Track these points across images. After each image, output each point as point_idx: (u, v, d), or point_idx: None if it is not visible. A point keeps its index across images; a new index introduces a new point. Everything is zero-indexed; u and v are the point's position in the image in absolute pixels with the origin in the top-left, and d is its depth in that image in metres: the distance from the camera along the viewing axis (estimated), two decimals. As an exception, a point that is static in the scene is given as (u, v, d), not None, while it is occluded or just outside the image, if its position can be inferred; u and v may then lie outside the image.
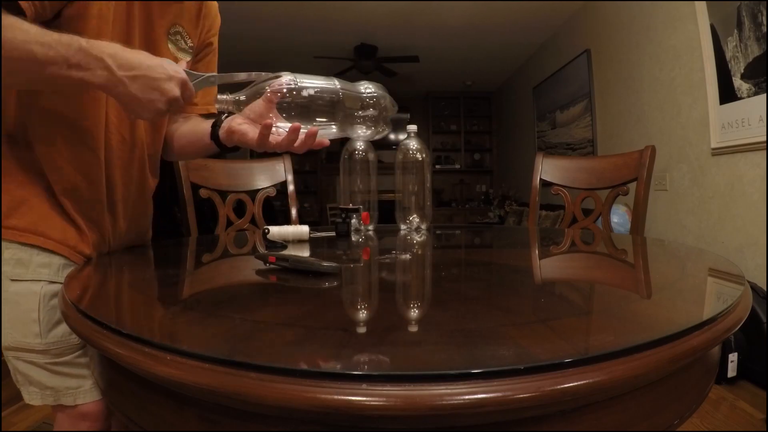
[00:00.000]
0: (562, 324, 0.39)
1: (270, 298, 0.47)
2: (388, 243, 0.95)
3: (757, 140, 2.01)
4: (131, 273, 0.68)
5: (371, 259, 0.76)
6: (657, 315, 0.42)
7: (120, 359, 0.35)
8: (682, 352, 0.33)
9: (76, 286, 0.55)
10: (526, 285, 0.61)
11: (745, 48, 2.06)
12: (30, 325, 0.67)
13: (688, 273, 0.67)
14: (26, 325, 0.67)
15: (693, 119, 2.44)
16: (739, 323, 0.40)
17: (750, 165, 2.08)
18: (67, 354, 0.70)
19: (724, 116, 2.19)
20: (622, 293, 0.55)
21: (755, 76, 2.01)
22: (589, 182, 1.35)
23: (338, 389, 0.27)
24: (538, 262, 0.80)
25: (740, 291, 0.46)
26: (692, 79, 2.42)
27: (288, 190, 1.46)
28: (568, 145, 4.13)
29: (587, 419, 0.32)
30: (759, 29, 1.97)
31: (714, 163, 2.31)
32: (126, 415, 0.41)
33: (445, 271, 0.70)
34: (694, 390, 0.42)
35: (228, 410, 0.32)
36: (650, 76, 2.83)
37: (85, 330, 0.40)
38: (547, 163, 1.43)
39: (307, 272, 0.57)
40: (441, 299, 0.53)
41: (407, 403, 0.27)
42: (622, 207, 2.76)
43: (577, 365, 0.29)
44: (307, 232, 0.96)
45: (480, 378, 0.28)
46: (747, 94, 2.06)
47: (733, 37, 2.12)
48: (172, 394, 0.35)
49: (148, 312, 0.45)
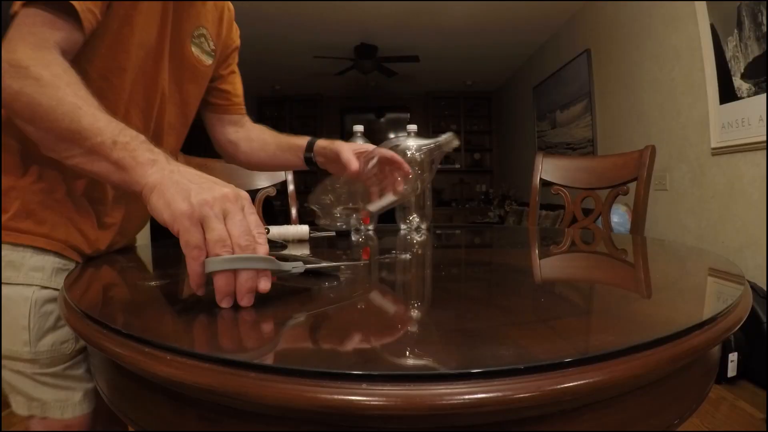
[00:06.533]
0: (562, 324, 0.39)
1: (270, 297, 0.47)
2: (388, 243, 0.95)
3: (757, 140, 2.01)
4: (131, 273, 0.68)
5: (371, 259, 0.76)
6: (657, 315, 0.42)
7: (120, 359, 0.35)
8: (682, 352, 0.33)
9: (76, 286, 0.55)
10: (526, 285, 0.61)
11: (745, 48, 2.06)
12: (19, 333, 0.63)
13: (688, 273, 0.67)
14: (15, 332, 0.63)
15: (693, 119, 2.44)
16: (739, 323, 0.40)
17: (750, 165, 2.08)
18: (56, 364, 0.66)
19: (724, 116, 2.19)
20: (622, 293, 0.55)
21: (755, 75, 2.01)
22: (589, 182, 1.35)
23: (338, 389, 0.27)
24: (538, 261, 0.80)
25: (740, 291, 0.46)
26: (692, 79, 2.42)
27: (288, 189, 1.46)
28: (568, 144, 4.13)
29: (587, 419, 0.32)
30: (759, 29, 1.97)
31: (714, 163, 2.31)
32: (126, 415, 0.41)
33: (445, 271, 0.70)
34: (694, 390, 0.42)
35: (228, 410, 0.32)
36: (650, 76, 2.83)
37: (85, 330, 0.40)
38: (547, 163, 1.43)
39: (307, 272, 0.57)
40: (441, 299, 0.53)
41: (407, 403, 0.27)
42: (622, 207, 2.76)
43: (577, 365, 0.29)
44: (307, 232, 0.96)
45: (480, 378, 0.28)
46: (747, 93, 2.06)
47: (733, 37, 2.12)
48: (172, 394, 0.35)
49: (148, 312, 0.45)
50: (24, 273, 0.64)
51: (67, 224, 0.67)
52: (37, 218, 0.65)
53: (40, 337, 0.64)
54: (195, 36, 0.78)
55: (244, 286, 0.41)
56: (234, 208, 0.43)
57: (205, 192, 0.42)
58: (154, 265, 0.79)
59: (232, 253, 0.41)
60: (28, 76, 0.51)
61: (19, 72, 0.51)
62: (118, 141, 0.49)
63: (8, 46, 0.53)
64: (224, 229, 0.41)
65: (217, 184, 0.45)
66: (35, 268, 0.64)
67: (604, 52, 3.45)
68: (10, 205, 0.64)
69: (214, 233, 0.41)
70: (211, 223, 0.41)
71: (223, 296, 0.41)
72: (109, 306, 0.49)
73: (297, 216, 1.44)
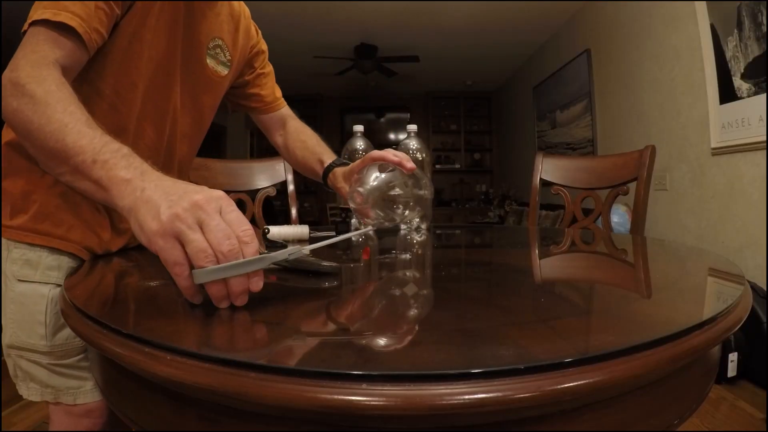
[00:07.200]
0: (562, 324, 0.39)
1: (270, 297, 0.47)
2: (388, 243, 0.95)
3: (757, 140, 2.01)
4: (131, 273, 0.68)
5: (371, 259, 0.76)
6: (657, 315, 0.42)
7: (120, 359, 0.35)
8: (682, 352, 0.33)
9: (76, 286, 0.55)
10: (526, 285, 0.61)
11: (745, 48, 2.06)
12: (36, 327, 0.67)
13: (688, 273, 0.67)
14: (32, 326, 0.67)
15: (693, 119, 2.44)
16: (739, 323, 0.40)
17: (750, 165, 2.08)
18: (70, 356, 0.70)
19: (724, 116, 2.19)
20: (622, 293, 0.55)
21: (755, 75, 2.01)
22: (589, 182, 1.35)
23: (338, 389, 0.27)
24: (538, 261, 0.80)
25: (740, 291, 0.46)
26: (692, 79, 2.42)
27: (288, 189, 1.46)
28: (568, 144, 4.13)
29: (587, 419, 0.32)
30: (759, 29, 1.97)
31: (714, 163, 2.31)
32: (126, 415, 0.41)
33: (445, 271, 0.70)
34: (694, 390, 0.42)
35: (228, 410, 0.32)
36: (650, 76, 2.83)
37: (84, 330, 0.40)
38: (547, 163, 1.43)
39: (307, 272, 0.57)
40: (441, 299, 0.53)
41: (407, 403, 0.27)
42: (622, 207, 2.76)
43: (577, 365, 0.29)
44: (307, 232, 0.96)
45: (480, 378, 0.28)
46: (747, 93, 2.06)
47: (733, 37, 2.12)
48: (172, 394, 0.35)
49: (148, 312, 0.45)
50: (41, 271, 0.67)
51: (83, 227, 0.70)
52: (55, 220, 0.68)
53: (55, 331, 0.68)
54: (210, 48, 0.79)
55: (236, 291, 0.41)
56: (208, 214, 0.41)
57: (174, 205, 0.41)
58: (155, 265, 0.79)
59: (216, 262, 0.39)
60: (24, 93, 0.52)
61: (17, 89, 0.52)
62: (97, 159, 0.48)
63: (12, 63, 0.55)
64: (203, 239, 0.40)
65: (187, 193, 0.42)
66: (51, 267, 0.68)
67: (604, 52, 3.45)
68: (29, 207, 0.67)
69: (191, 245, 0.39)
70: (187, 237, 0.39)
71: (219, 301, 0.41)
72: (108, 306, 0.49)
73: (297, 216, 1.44)
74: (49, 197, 0.67)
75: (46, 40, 0.56)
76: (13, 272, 0.67)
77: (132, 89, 0.69)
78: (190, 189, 0.43)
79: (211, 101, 0.85)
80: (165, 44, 0.70)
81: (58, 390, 0.70)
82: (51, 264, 0.68)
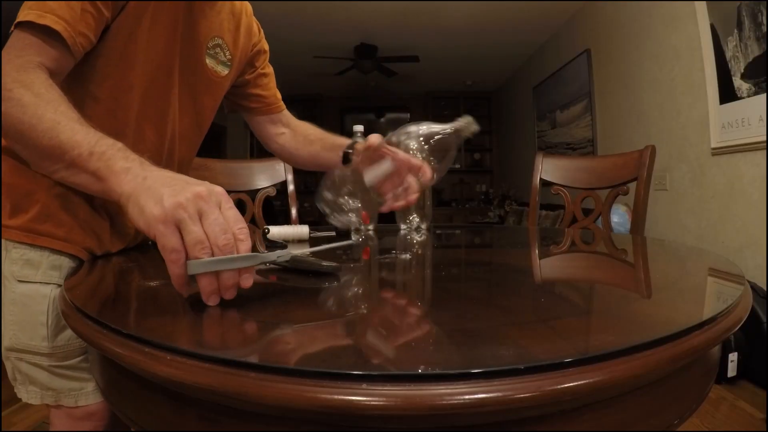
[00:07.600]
0: (562, 324, 0.39)
1: (270, 297, 0.47)
2: (388, 243, 0.95)
3: (757, 140, 2.01)
4: (130, 273, 0.68)
5: (371, 259, 0.76)
6: (657, 315, 0.42)
7: (120, 359, 0.35)
8: (682, 352, 0.33)
9: (76, 287, 0.55)
10: (526, 285, 0.61)
11: (745, 48, 2.06)
12: (38, 328, 0.66)
13: (688, 273, 0.67)
14: (34, 327, 0.66)
15: (693, 119, 2.44)
16: (739, 323, 0.40)
17: (750, 165, 2.08)
18: (71, 357, 0.69)
19: (724, 116, 2.20)
20: (622, 293, 0.55)
21: (755, 75, 2.01)
22: (589, 182, 1.35)
23: (338, 389, 0.27)
24: (538, 261, 0.80)
25: (740, 291, 0.46)
26: (692, 79, 2.42)
27: (288, 189, 1.46)
28: (568, 144, 4.13)
29: (587, 419, 0.32)
30: (759, 29, 1.97)
31: (714, 163, 2.31)
32: (126, 415, 0.41)
33: (445, 271, 0.70)
34: (694, 390, 0.42)
35: (228, 410, 0.32)
36: (650, 76, 2.83)
37: (85, 330, 0.40)
38: (547, 163, 1.43)
39: (307, 272, 0.57)
40: (441, 299, 0.53)
41: (407, 403, 0.27)
42: (622, 207, 2.76)
43: (577, 365, 0.29)
44: (307, 232, 0.96)
45: (480, 378, 0.28)
46: (747, 93, 2.06)
47: (733, 37, 2.12)
48: (171, 394, 0.35)
49: (148, 312, 0.45)
50: (42, 272, 0.67)
51: (84, 228, 0.70)
52: (56, 221, 0.67)
53: (57, 332, 0.67)
54: (210, 47, 0.78)
55: (226, 285, 0.42)
56: (209, 207, 0.42)
57: (177, 194, 0.42)
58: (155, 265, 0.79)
59: (211, 254, 0.40)
60: (12, 97, 0.52)
61: (4, 94, 0.52)
62: (94, 152, 0.49)
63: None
64: (201, 230, 0.41)
65: (189, 184, 0.43)
66: (53, 267, 0.67)
67: (604, 52, 3.45)
68: (31, 207, 0.66)
69: (190, 236, 0.40)
70: (187, 226, 0.40)
71: (208, 295, 0.42)
72: (108, 306, 0.49)
73: (297, 216, 1.44)
74: (51, 198, 0.67)
75: (31, 44, 0.56)
76: (12, 273, 0.66)
77: (129, 91, 0.68)
78: (192, 181, 0.45)
79: (211, 102, 0.84)
80: (163, 45, 0.69)
81: (59, 392, 0.69)
82: (52, 264, 0.67)
